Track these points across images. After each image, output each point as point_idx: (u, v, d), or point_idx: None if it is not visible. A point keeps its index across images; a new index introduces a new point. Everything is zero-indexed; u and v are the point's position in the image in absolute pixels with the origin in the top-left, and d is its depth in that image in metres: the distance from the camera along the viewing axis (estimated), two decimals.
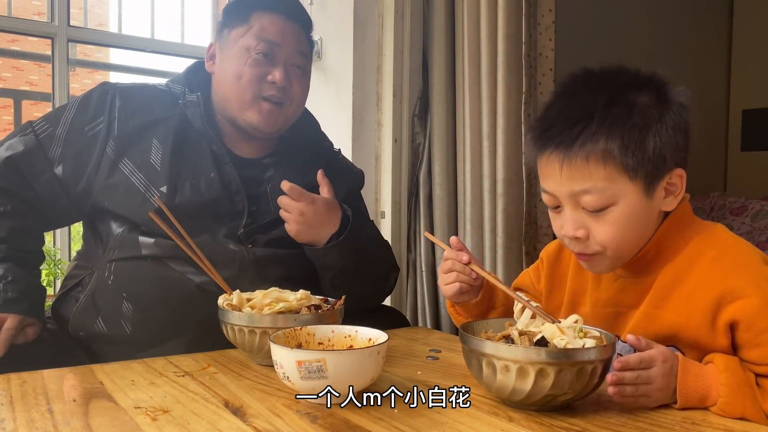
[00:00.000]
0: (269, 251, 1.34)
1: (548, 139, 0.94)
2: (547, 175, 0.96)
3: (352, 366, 0.87)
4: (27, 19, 2.90)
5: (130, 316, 1.25)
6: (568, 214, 0.96)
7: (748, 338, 0.88)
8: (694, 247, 0.96)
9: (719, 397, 0.87)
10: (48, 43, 2.64)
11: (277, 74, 1.35)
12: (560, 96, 0.99)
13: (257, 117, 1.36)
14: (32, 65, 5.83)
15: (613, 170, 0.91)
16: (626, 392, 0.86)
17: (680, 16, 3.78)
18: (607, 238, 0.94)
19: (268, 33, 1.36)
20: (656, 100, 0.93)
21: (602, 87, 0.95)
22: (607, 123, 0.91)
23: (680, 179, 0.95)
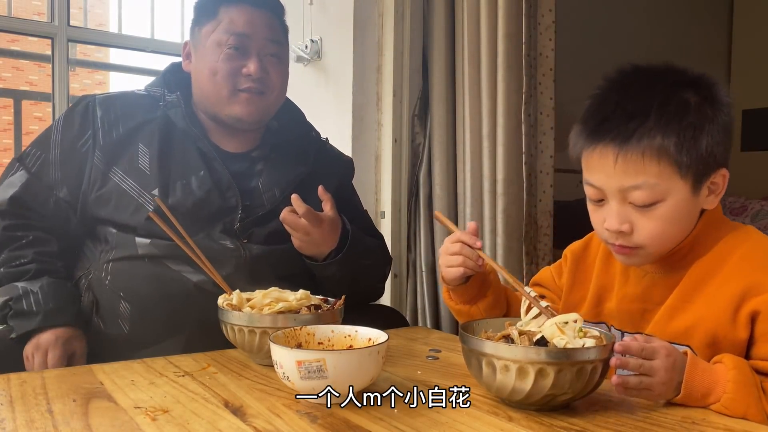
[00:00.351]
0: (265, 248, 1.34)
1: (604, 132, 0.95)
2: (598, 168, 0.96)
3: (351, 366, 0.87)
4: (27, 19, 2.90)
5: (127, 315, 1.26)
6: (614, 207, 0.96)
7: (765, 330, 0.90)
8: (725, 244, 0.97)
9: (724, 393, 0.86)
10: (48, 43, 2.65)
11: (252, 66, 1.35)
12: (613, 90, 0.99)
13: (238, 109, 1.36)
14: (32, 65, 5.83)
15: (667, 167, 0.92)
16: (630, 384, 0.86)
17: (680, 16, 3.78)
18: (652, 233, 0.95)
19: (237, 25, 1.35)
20: (707, 100, 0.95)
21: (657, 83, 0.96)
22: (664, 120, 0.92)
23: (723, 179, 0.97)
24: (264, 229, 1.35)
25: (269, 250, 1.34)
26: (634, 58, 1.03)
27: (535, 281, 1.26)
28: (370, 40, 2.26)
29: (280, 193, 1.39)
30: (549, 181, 2.07)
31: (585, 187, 1.00)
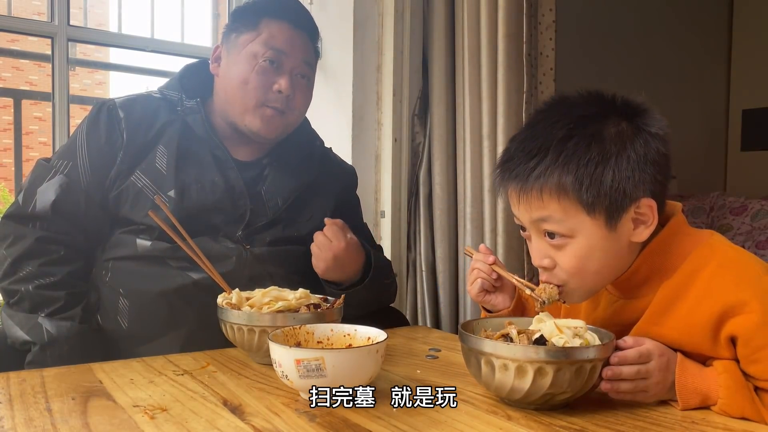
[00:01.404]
0: (265, 248, 1.34)
1: (507, 171, 0.94)
2: (512, 205, 0.96)
3: (350, 365, 0.87)
4: (27, 19, 2.90)
5: (126, 312, 1.27)
6: (533, 243, 0.95)
7: (746, 354, 0.88)
8: (692, 261, 0.93)
9: (718, 398, 0.87)
10: (48, 42, 2.64)
11: (283, 83, 1.35)
12: (525, 127, 0.98)
13: (258, 123, 1.36)
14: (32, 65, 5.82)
15: (568, 205, 0.89)
16: (621, 388, 0.86)
17: (680, 17, 3.78)
18: (569, 269, 0.93)
19: (277, 41, 1.36)
20: (622, 132, 0.90)
21: (564, 118, 0.92)
22: (562, 157, 0.88)
23: (650, 209, 0.91)
24: (265, 236, 1.36)
25: (269, 251, 1.34)
26: (634, 58, 1.03)
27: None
28: (370, 40, 2.25)
29: (282, 202, 1.39)
30: None
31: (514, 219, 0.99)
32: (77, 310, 1.25)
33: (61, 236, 1.29)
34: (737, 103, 4.03)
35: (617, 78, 3.38)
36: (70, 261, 1.29)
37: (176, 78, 1.45)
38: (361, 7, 2.23)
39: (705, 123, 3.97)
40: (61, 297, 1.25)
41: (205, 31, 4.97)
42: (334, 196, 1.46)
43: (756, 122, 3.95)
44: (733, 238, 3.08)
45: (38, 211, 1.29)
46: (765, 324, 0.85)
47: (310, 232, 1.36)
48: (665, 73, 3.64)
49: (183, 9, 3.27)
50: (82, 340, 1.24)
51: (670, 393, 0.89)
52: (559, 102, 0.97)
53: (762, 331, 0.85)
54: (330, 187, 1.46)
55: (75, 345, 1.22)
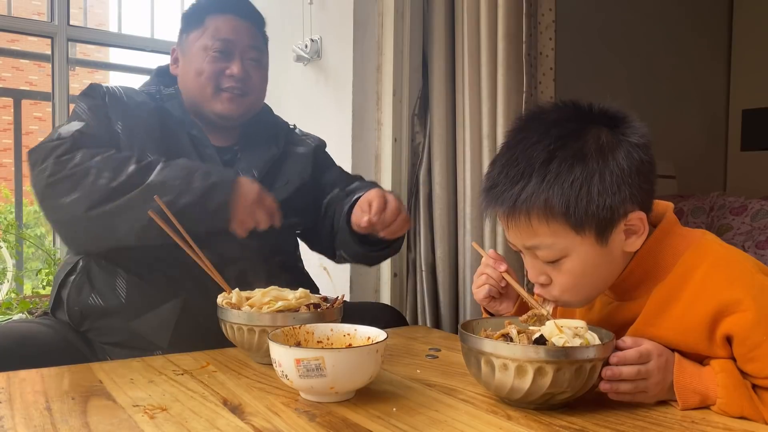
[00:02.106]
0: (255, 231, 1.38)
1: (491, 198, 0.93)
2: (503, 227, 0.96)
3: (350, 364, 0.87)
4: (27, 19, 2.90)
5: (124, 285, 1.30)
6: (527, 261, 0.96)
7: (743, 352, 0.88)
8: (685, 261, 0.93)
9: (717, 397, 0.87)
10: (48, 42, 2.65)
11: (235, 67, 1.46)
12: (503, 150, 0.95)
13: (221, 106, 1.46)
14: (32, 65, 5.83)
15: (557, 227, 0.89)
16: (621, 389, 0.86)
17: (680, 17, 3.78)
18: (566, 286, 0.93)
19: (222, 32, 1.47)
20: (603, 147, 0.89)
21: (543, 138, 0.90)
22: (546, 181, 0.88)
23: (640, 221, 0.91)
24: None
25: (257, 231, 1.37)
26: (634, 58, 1.02)
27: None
28: (370, 40, 2.25)
29: (258, 173, 1.46)
30: None
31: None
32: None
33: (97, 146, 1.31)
34: (737, 103, 4.03)
35: (617, 78, 3.39)
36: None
37: (153, 76, 1.56)
38: (361, 7, 2.23)
39: (705, 123, 3.97)
40: (154, 159, 1.28)
41: None
42: (309, 159, 1.57)
43: (756, 122, 3.95)
44: (733, 238, 3.08)
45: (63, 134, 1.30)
46: (759, 322, 0.85)
47: (289, 196, 1.46)
48: (665, 73, 3.64)
49: (183, 9, 3.27)
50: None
51: (669, 393, 0.89)
52: (535, 118, 0.95)
53: (757, 329, 0.85)
54: (301, 154, 1.57)
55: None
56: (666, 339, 0.92)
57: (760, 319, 0.85)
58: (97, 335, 1.31)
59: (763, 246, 3.07)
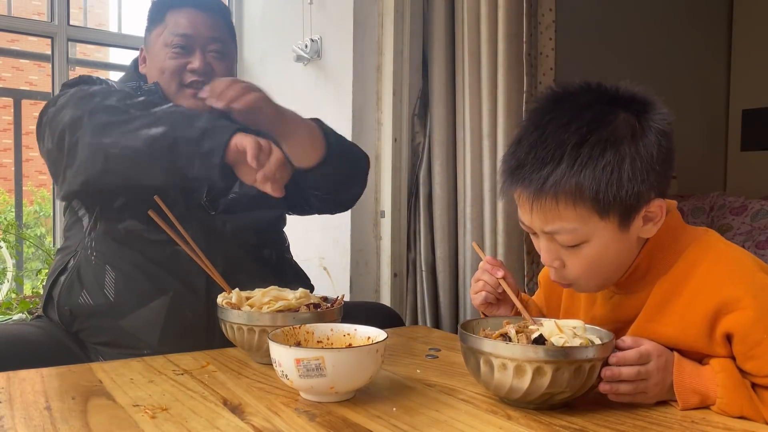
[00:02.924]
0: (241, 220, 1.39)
1: (517, 178, 0.91)
2: (521, 209, 0.94)
3: (350, 364, 0.87)
4: (27, 19, 2.90)
5: (112, 284, 1.30)
6: (543, 245, 0.95)
7: (743, 350, 0.88)
8: (687, 257, 0.93)
9: (717, 397, 0.87)
10: (48, 42, 2.64)
11: (196, 61, 1.44)
12: (531, 128, 0.93)
13: (186, 103, 1.43)
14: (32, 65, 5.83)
15: (584, 211, 0.88)
16: (621, 390, 0.86)
17: (680, 16, 3.78)
18: (582, 271, 0.93)
19: (181, 27, 1.45)
20: (635, 134, 0.89)
21: (575, 120, 0.89)
22: (578, 164, 0.87)
23: (660, 208, 0.91)
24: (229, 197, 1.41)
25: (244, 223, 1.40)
26: (633, 58, 1.02)
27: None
28: (370, 40, 2.25)
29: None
30: None
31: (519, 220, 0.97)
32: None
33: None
34: (737, 103, 4.03)
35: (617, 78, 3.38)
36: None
37: (130, 69, 1.55)
38: (360, 6, 2.23)
39: (705, 123, 3.97)
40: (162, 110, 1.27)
41: None
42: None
43: (756, 122, 3.94)
44: (733, 238, 3.08)
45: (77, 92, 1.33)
46: (759, 320, 0.85)
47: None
48: (665, 73, 3.64)
49: None
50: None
51: (668, 394, 0.89)
52: (564, 99, 0.94)
53: (757, 328, 0.85)
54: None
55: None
56: (667, 335, 0.92)
57: (760, 318, 0.85)
58: (87, 336, 1.31)
59: (763, 246, 3.07)
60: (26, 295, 2.73)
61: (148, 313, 1.28)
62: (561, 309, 1.11)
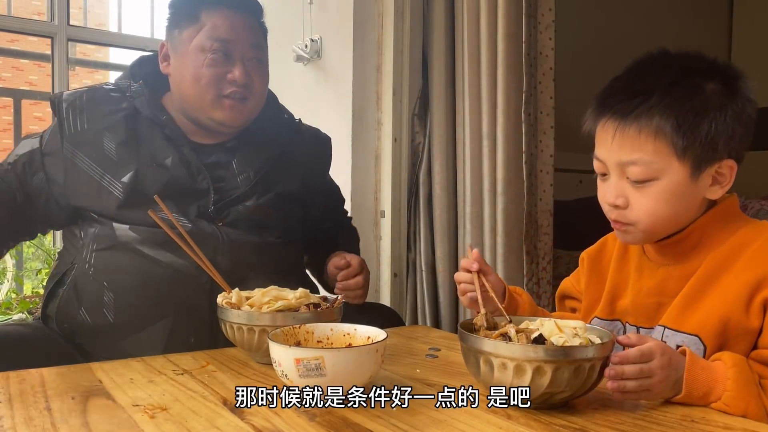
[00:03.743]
0: (243, 236, 1.34)
1: (607, 106, 0.97)
2: (601, 141, 0.99)
3: (350, 364, 0.87)
4: (27, 19, 2.90)
5: (111, 304, 1.27)
6: (612, 181, 0.98)
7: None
8: (741, 237, 0.98)
9: (725, 390, 0.86)
10: (48, 42, 2.65)
11: (237, 72, 1.35)
12: (630, 70, 1.01)
13: (222, 114, 1.36)
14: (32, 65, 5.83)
15: (663, 146, 0.93)
16: (627, 387, 0.86)
17: (680, 16, 3.78)
18: (645, 210, 0.96)
19: (221, 31, 1.35)
20: (723, 90, 0.95)
21: (671, 67, 0.97)
22: (666, 101, 0.93)
23: (730, 170, 0.97)
24: (239, 209, 1.36)
25: (247, 241, 1.34)
26: (634, 58, 1.03)
27: (561, 294, 1.27)
28: (370, 40, 2.25)
29: (254, 174, 1.39)
30: (549, 180, 2.07)
31: (594, 161, 1.02)
32: None
33: (4, 187, 1.33)
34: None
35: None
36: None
37: (128, 68, 1.47)
38: (360, 6, 2.23)
39: None
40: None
41: None
42: (304, 163, 1.49)
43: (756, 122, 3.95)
44: None
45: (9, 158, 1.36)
46: None
47: (281, 201, 1.40)
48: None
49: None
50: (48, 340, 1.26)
51: (674, 390, 0.88)
52: (664, 54, 1.01)
53: None
54: (301, 156, 1.49)
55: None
56: (711, 306, 0.95)
57: None
58: (89, 348, 1.28)
59: None
60: (26, 295, 2.73)
61: (149, 335, 1.25)
62: (608, 284, 1.12)
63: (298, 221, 1.46)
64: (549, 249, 2.10)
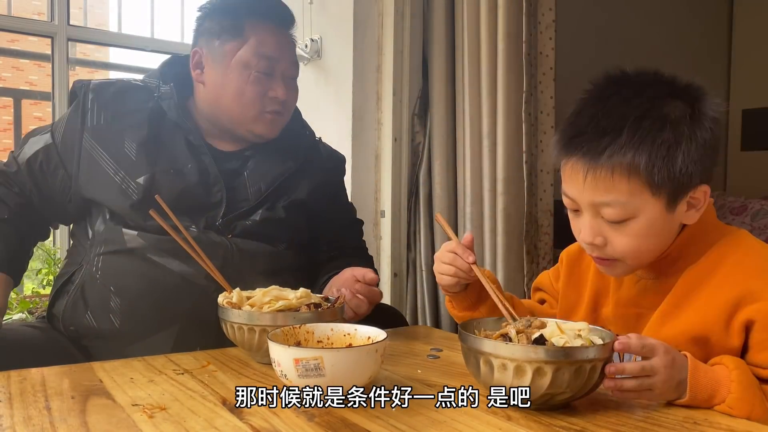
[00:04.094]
0: (253, 245, 1.33)
1: (575, 146, 0.93)
2: (571, 180, 0.95)
3: (349, 364, 0.86)
4: (27, 18, 2.90)
5: (118, 310, 1.26)
6: (587, 220, 0.95)
7: (761, 339, 0.89)
8: (718, 249, 0.96)
9: (729, 393, 0.86)
10: (48, 42, 2.65)
11: (280, 91, 1.36)
12: (592, 101, 0.95)
13: (262, 128, 1.38)
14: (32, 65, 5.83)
15: (637, 185, 0.90)
16: (625, 386, 0.85)
17: (680, 16, 3.78)
18: (624, 248, 0.94)
19: (267, 48, 1.35)
20: (689, 115, 0.92)
21: (636, 96, 0.92)
22: (637, 137, 0.89)
23: (704, 194, 0.94)
24: (247, 222, 1.34)
25: (256, 248, 1.33)
26: (634, 58, 1.03)
27: (535, 286, 1.26)
28: (370, 40, 2.25)
29: (266, 188, 1.38)
30: (549, 179, 2.07)
31: (563, 197, 0.99)
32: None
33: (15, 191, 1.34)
34: (737, 103, 4.03)
35: None
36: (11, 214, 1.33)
37: (158, 68, 1.45)
38: (361, 6, 2.23)
39: None
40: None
41: None
42: (314, 179, 1.46)
43: (756, 122, 3.95)
44: None
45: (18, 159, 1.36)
46: None
47: (288, 214, 1.38)
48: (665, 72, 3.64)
49: (183, 9, 3.27)
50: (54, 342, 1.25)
51: (676, 391, 0.87)
52: (623, 79, 0.96)
53: None
54: (314, 173, 1.47)
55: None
56: (688, 321, 0.93)
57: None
58: (95, 352, 1.28)
59: None
60: (26, 295, 2.73)
61: (154, 343, 1.24)
62: (588, 288, 1.11)
63: (305, 234, 1.44)
64: (549, 249, 2.10)
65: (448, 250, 1.09)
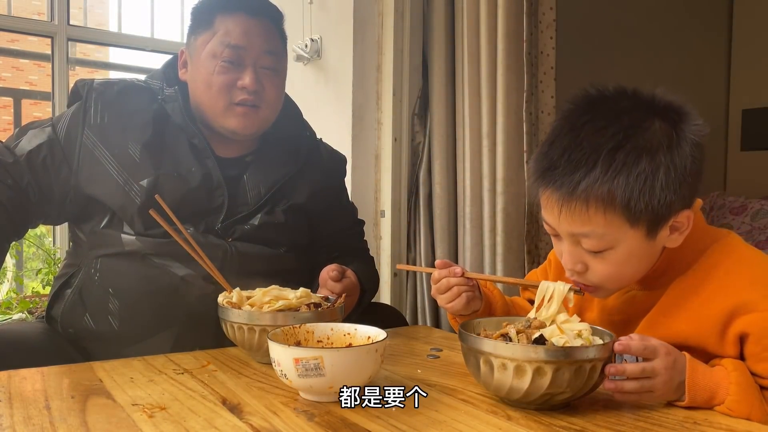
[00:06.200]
0: (253, 248, 1.32)
1: (550, 180, 0.91)
2: (547, 209, 0.93)
3: (349, 364, 0.87)
4: (27, 18, 2.90)
5: (116, 311, 1.25)
6: (566, 248, 0.94)
7: (756, 351, 0.88)
8: (708, 258, 0.94)
9: (728, 395, 0.86)
10: (48, 42, 2.65)
11: (247, 79, 1.32)
12: (565, 130, 0.92)
13: (233, 122, 1.34)
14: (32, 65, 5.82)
15: (614, 218, 0.88)
16: (626, 387, 0.85)
17: (680, 17, 3.78)
18: (608, 276, 0.93)
19: (233, 37, 1.32)
20: (668, 143, 0.88)
21: (611, 125, 0.88)
22: (612, 170, 0.86)
23: (687, 219, 0.92)
24: (247, 226, 1.34)
25: (257, 251, 1.33)
26: (634, 58, 1.02)
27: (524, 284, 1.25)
28: (370, 39, 2.25)
29: (265, 192, 1.37)
30: None
31: (543, 222, 0.97)
32: None
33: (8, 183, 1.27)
34: (737, 103, 4.03)
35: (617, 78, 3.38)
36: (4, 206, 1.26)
37: (161, 68, 1.44)
38: (361, 6, 2.23)
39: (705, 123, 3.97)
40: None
41: None
42: (314, 181, 1.45)
43: (756, 122, 3.94)
44: None
45: (16, 150, 1.30)
46: None
47: (287, 219, 1.37)
48: (665, 72, 3.64)
49: (183, 8, 3.27)
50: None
51: (677, 392, 0.88)
52: (600, 103, 0.93)
53: None
54: (312, 175, 1.45)
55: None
56: (679, 330, 0.93)
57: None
58: (94, 353, 1.27)
59: (763, 246, 3.07)
60: (26, 295, 2.73)
61: (153, 345, 1.23)
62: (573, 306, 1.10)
63: (305, 237, 1.44)
64: (550, 249, 2.09)
65: (434, 279, 1.09)
